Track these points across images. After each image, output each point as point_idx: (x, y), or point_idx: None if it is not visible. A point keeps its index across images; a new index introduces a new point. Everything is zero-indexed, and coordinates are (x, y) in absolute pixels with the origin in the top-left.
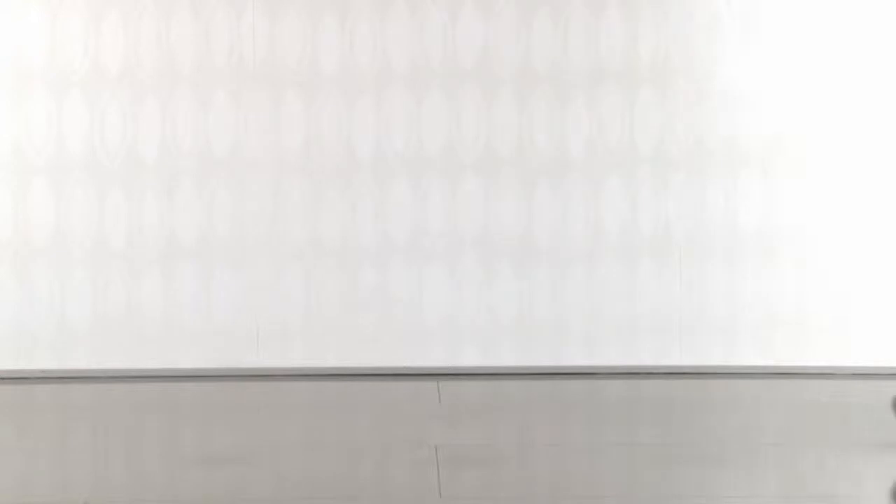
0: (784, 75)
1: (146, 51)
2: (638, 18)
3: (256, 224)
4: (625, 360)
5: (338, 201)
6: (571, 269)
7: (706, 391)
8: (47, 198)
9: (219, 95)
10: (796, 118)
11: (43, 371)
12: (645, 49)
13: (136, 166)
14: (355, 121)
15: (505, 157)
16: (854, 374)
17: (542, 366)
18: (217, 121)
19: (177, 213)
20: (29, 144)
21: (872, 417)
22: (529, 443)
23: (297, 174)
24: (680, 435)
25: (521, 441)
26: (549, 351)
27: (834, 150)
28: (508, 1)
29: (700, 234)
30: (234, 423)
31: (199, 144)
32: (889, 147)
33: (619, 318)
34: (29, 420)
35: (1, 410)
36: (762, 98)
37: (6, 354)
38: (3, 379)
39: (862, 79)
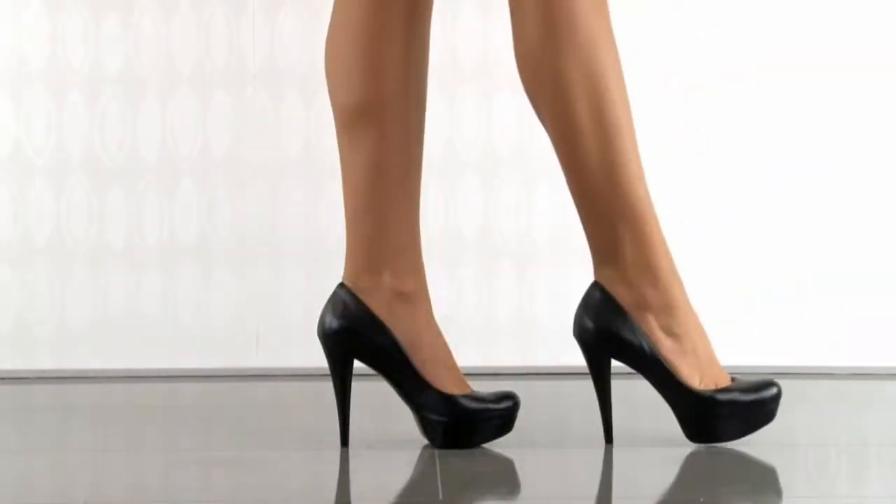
0: None
1: (146, 51)
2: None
3: (256, 224)
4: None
5: (337, 201)
6: (572, 268)
7: None
8: (47, 198)
9: (219, 95)
10: None
11: (42, 371)
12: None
13: (136, 166)
14: None
15: (505, 156)
16: (854, 375)
17: (542, 366)
18: (217, 121)
19: (177, 213)
20: (29, 144)
21: None
22: (529, 443)
23: (297, 174)
24: None
25: (519, 442)
26: (548, 351)
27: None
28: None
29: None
30: (234, 424)
31: (199, 144)
32: (885, 149)
33: None
34: (28, 420)
35: (0, 410)
36: None
37: (6, 354)
38: (2, 379)
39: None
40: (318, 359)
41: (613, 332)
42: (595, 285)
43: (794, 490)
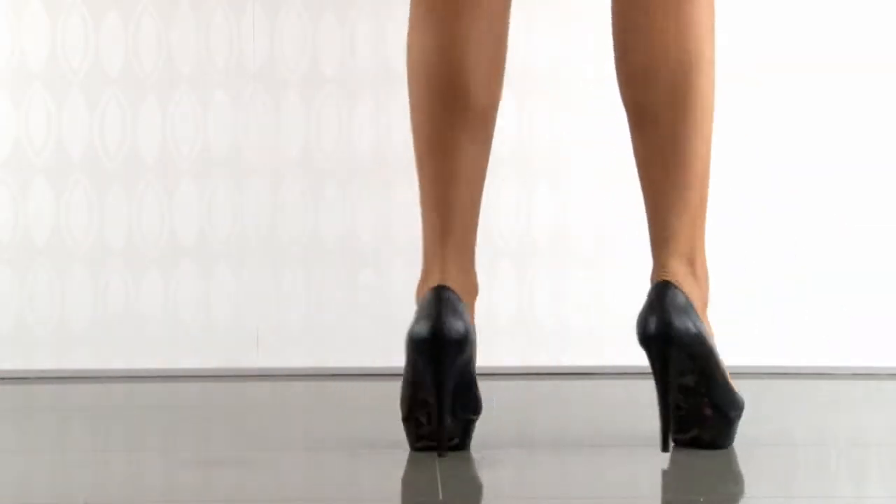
0: None
1: (146, 51)
2: None
3: (256, 224)
4: (625, 361)
5: (338, 201)
6: (573, 268)
7: None
8: (47, 198)
9: (219, 96)
10: None
11: (42, 371)
12: None
13: (136, 166)
14: (355, 121)
15: (505, 156)
16: (854, 375)
17: (542, 366)
18: (217, 121)
19: (177, 213)
20: (29, 144)
21: None
22: (529, 443)
23: (297, 174)
24: None
25: (519, 442)
26: (548, 351)
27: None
28: None
29: None
30: (234, 424)
31: (199, 144)
32: (886, 147)
33: (619, 319)
34: (28, 420)
35: (0, 410)
36: None
37: (6, 354)
38: (2, 379)
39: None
40: (318, 359)
41: (693, 333)
42: (669, 285)
43: (794, 490)
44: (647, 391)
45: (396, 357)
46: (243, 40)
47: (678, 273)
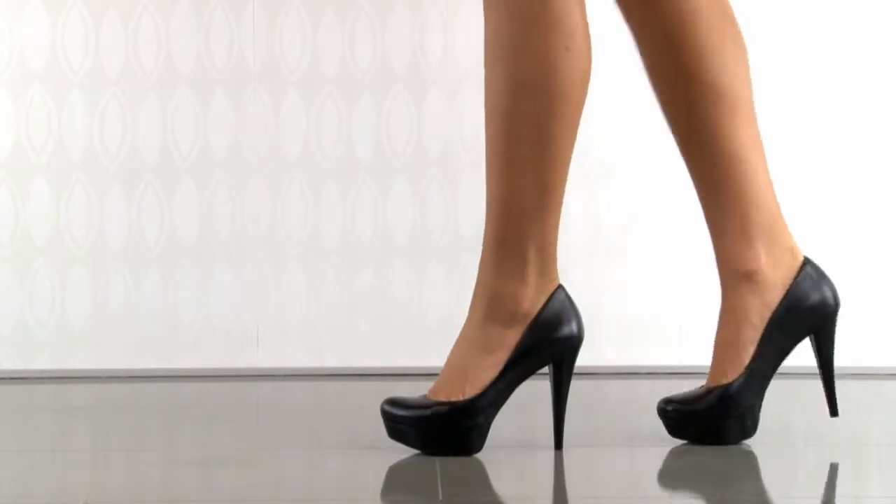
0: None
1: (146, 51)
2: None
3: (256, 224)
4: (625, 361)
5: (338, 201)
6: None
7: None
8: (47, 198)
9: (219, 96)
10: None
11: (42, 371)
12: None
13: (136, 166)
14: (355, 121)
15: None
16: (854, 375)
17: None
18: (217, 121)
19: (177, 213)
20: (29, 144)
21: None
22: (529, 443)
23: (297, 174)
24: None
25: (519, 442)
26: None
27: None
28: None
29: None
30: (234, 424)
31: (199, 144)
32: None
33: (618, 319)
34: (28, 420)
35: (0, 410)
36: None
37: (6, 354)
38: (2, 379)
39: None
40: (317, 358)
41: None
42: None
43: (795, 490)
44: (647, 391)
45: (396, 357)
46: (243, 40)
47: None
